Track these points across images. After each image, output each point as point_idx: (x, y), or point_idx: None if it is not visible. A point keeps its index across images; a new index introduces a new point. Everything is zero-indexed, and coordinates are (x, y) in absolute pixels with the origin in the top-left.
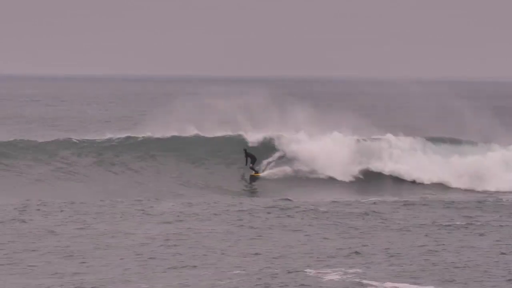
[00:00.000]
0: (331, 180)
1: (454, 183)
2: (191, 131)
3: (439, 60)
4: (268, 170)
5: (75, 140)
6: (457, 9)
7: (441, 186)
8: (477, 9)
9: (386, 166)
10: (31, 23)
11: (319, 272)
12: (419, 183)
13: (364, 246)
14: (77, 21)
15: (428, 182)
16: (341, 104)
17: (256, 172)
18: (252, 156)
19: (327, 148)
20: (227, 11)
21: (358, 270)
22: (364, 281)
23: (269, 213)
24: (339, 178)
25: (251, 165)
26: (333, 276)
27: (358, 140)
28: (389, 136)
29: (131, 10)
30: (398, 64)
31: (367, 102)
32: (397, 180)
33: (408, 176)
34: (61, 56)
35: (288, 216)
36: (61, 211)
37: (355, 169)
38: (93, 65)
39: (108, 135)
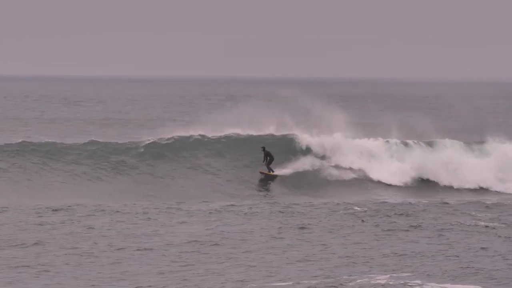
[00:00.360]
0: (380, 183)
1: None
2: (242, 130)
3: (439, 60)
4: (282, 170)
5: (121, 142)
6: (457, 9)
7: (492, 191)
8: (477, 9)
9: (437, 170)
10: (31, 23)
11: (363, 276)
12: (469, 188)
13: (406, 248)
14: (77, 21)
15: (478, 186)
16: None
17: (270, 171)
18: (270, 155)
19: (379, 152)
20: (227, 11)
21: (403, 274)
22: (410, 282)
23: (310, 213)
24: (389, 182)
25: (263, 162)
26: (378, 280)
27: (409, 144)
28: (445, 141)
29: (131, 10)
30: (398, 64)
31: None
32: (448, 184)
33: (459, 180)
34: (61, 56)
35: (332, 217)
36: (100, 211)
37: (406, 174)
38: (93, 65)
39: (154, 136)
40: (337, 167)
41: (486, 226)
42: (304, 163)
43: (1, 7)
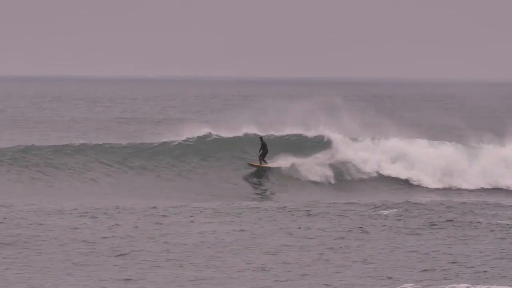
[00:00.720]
0: (419, 187)
1: None
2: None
3: (439, 60)
4: (273, 163)
5: (150, 142)
6: (457, 9)
7: None
8: (477, 9)
9: (478, 175)
10: (31, 23)
11: (392, 285)
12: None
13: (434, 250)
14: (77, 21)
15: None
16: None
17: (262, 162)
18: (265, 147)
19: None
20: (227, 11)
21: (431, 280)
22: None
23: (331, 215)
24: (430, 185)
25: (259, 154)
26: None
27: (447, 144)
28: (488, 146)
29: (131, 10)
30: (398, 64)
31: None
32: (488, 187)
33: (496, 182)
34: (61, 56)
35: (356, 219)
36: (132, 213)
37: (445, 176)
38: (93, 65)
39: (185, 136)
40: (371, 168)
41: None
42: (337, 165)
43: (1, 7)
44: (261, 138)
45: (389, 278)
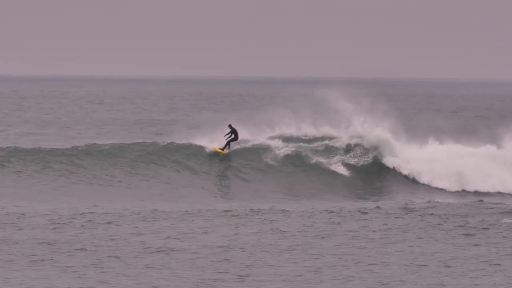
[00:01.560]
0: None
1: None
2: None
3: (439, 60)
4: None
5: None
6: (457, 9)
7: None
8: (477, 9)
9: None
10: (31, 23)
11: None
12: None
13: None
14: (77, 21)
15: None
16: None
17: (225, 148)
18: (236, 133)
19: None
20: (227, 11)
21: None
22: None
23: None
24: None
25: (228, 138)
26: None
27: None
28: None
29: (131, 10)
30: (398, 64)
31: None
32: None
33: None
34: (61, 56)
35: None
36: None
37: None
38: (93, 65)
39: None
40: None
41: None
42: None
43: (1, 7)
44: (230, 125)
45: None
